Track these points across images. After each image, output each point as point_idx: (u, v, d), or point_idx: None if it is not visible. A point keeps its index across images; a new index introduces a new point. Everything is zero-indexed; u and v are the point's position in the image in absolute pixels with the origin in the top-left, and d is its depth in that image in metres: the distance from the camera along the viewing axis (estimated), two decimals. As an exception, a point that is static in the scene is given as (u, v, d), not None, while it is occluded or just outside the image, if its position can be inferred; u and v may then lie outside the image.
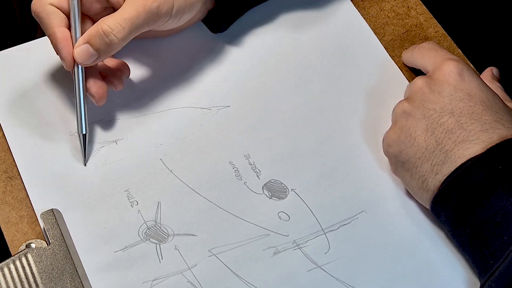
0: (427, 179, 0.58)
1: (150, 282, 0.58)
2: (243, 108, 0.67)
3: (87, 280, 0.58)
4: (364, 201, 0.63)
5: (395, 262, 0.60)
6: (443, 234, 0.61)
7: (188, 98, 0.68)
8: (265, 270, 0.59)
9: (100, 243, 0.60)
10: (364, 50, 0.71)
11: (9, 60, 0.69)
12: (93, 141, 0.65)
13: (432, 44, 0.66)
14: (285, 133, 0.66)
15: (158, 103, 0.67)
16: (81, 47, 0.61)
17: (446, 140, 0.57)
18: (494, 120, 0.57)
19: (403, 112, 0.60)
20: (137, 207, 0.62)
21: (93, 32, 0.60)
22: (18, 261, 0.57)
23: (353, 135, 0.66)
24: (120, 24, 0.60)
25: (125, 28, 0.60)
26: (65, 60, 0.61)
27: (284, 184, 0.63)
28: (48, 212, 0.59)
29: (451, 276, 0.59)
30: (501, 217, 0.54)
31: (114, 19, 0.60)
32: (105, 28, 0.60)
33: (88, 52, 0.61)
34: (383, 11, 0.74)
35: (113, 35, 0.60)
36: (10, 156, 0.64)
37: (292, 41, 0.72)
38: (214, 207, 0.62)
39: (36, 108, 0.66)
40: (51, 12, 0.61)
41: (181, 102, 0.67)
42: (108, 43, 0.60)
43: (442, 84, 0.59)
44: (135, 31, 0.61)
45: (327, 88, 0.69)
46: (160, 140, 0.65)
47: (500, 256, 0.53)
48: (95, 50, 0.61)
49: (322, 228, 0.61)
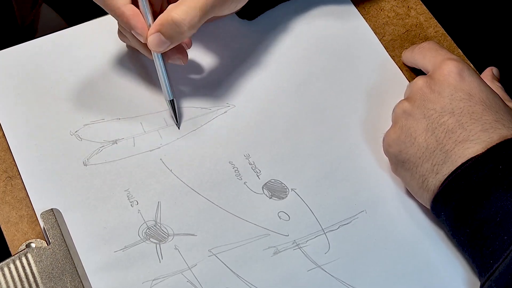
0: (428, 179, 0.58)
1: (150, 282, 0.58)
2: (243, 108, 0.67)
3: (87, 280, 0.58)
4: (364, 201, 0.63)
5: (395, 262, 0.60)
6: (443, 234, 0.61)
7: (188, 98, 0.68)
8: (265, 270, 0.59)
9: (100, 243, 0.60)
10: (364, 50, 0.71)
11: (9, 60, 0.69)
12: (93, 141, 0.65)
13: (432, 44, 0.66)
14: (285, 133, 0.66)
15: (158, 103, 0.67)
16: (153, 35, 0.61)
17: (446, 140, 0.57)
18: (494, 120, 0.57)
19: (404, 112, 0.60)
20: (137, 207, 0.62)
21: (164, 21, 0.60)
22: (18, 261, 0.57)
23: (353, 135, 0.66)
24: (191, 12, 0.60)
25: (196, 17, 0.60)
26: (142, 34, 0.61)
27: (284, 184, 0.63)
28: (48, 212, 0.59)
29: (451, 276, 0.59)
30: (501, 217, 0.54)
31: (183, 7, 0.60)
32: (176, 18, 0.60)
33: (160, 41, 0.61)
34: (383, 11, 0.74)
35: (184, 25, 0.60)
36: (10, 156, 0.64)
37: (292, 41, 0.72)
38: (214, 207, 0.62)
39: (36, 108, 0.66)
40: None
41: (181, 102, 0.67)
42: (180, 32, 0.60)
43: (442, 84, 0.59)
44: (204, 18, 0.61)
45: (327, 88, 0.69)
46: (160, 140, 0.65)
47: (500, 256, 0.53)
48: (167, 38, 0.61)
49: (322, 228, 0.61)
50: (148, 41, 0.61)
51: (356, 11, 0.73)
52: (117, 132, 0.66)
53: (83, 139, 0.65)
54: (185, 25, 0.60)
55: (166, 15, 0.60)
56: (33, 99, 0.67)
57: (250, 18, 0.72)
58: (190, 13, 0.60)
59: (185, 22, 0.60)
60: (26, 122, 0.65)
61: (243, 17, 0.72)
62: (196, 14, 0.60)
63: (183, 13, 0.60)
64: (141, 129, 0.66)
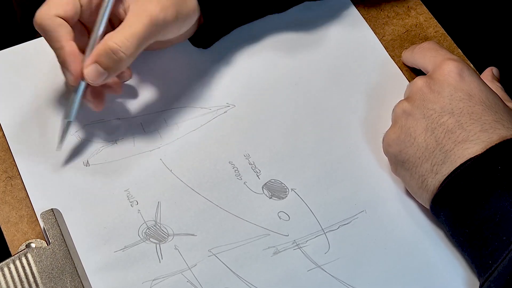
0: (427, 179, 0.58)
1: (150, 282, 0.58)
2: (243, 108, 0.67)
3: (87, 280, 0.58)
4: (364, 201, 0.63)
5: (395, 262, 0.60)
6: (442, 234, 0.61)
7: (188, 98, 0.68)
8: (265, 270, 0.59)
9: (100, 243, 0.60)
10: (364, 50, 0.71)
11: (9, 60, 0.69)
12: (93, 141, 0.65)
13: (432, 44, 0.66)
14: (285, 133, 0.66)
15: (158, 103, 0.67)
16: (90, 67, 0.59)
17: (446, 140, 0.57)
18: (494, 120, 0.57)
19: (403, 112, 0.60)
20: (137, 207, 0.62)
21: (101, 51, 0.58)
22: (18, 261, 0.57)
23: (353, 135, 0.66)
24: (128, 40, 0.58)
25: (133, 44, 0.58)
26: (73, 75, 0.60)
27: (284, 184, 0.63)
28: (48, 212, 0.59)
29: (450, 276, 0.59)
30: (500, 217, 0.54)
31: (121, 35, 0.58)
32: (113, 46, 0.58)
33: (98, 72, 0.59)
34: (383, 11, 0.74)
35: (121, 53, 0.58)
36: (10, 156, 0.64)
37: (292, 41, 0.72)
38: (214, 207, 0.62)
39: (36, 108, 0.66)
40: (58, 24, 0.59)
41: (181, 102, 0.67)
42: (117, 61, 0.59)
43: (442, 84, 0.59)
44: (142, 45, 0.60)
45: (327, 88, 0.69)
46: (160, 140, 0.65)
47: (499, 256, 0.53)
48: (105, 69, 0.59)
49: (322, 228, 0.61)
50: (85, 74, 0.59)
51: (356, 11, 0.73)
52: (117, 132, 0.66)
53: (83, 139, 0.65)
54: (123, 53, 0.58)
55: (103, 44, 0.58)
56: (33, 99, 0.67)
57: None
58: (128, 40, 0.58)
59: (123, 49, 0.58)
60: (26, 122, 0.65)
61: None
62: (133, 41, 0.58)
63: (120, 41, 0.58)
64: (141, 129, 0.66)
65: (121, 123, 0.66)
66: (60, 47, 0.59)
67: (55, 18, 0.59)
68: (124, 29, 0.59)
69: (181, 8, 0.62)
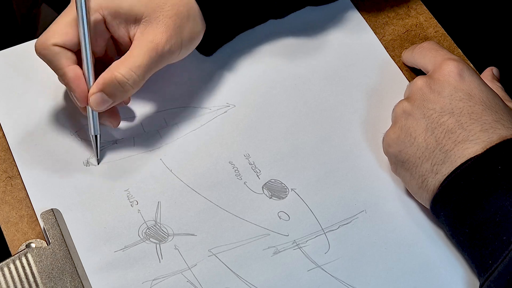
0: (427, 179, 0.58)
1: (150, 282, 0.58)
2: (243, 108, 0.67)
3: (87, 280, 0.58)
4: (364, 201, 0.63)
5: (395, 262, 0.60)
6: (442, 234, 0.61)
7: (188, 98, 0.68)
8: (265, 270, 0.59)
9: (100, 243, 0.60)
10: (364, 50, 0.71)
11: (9, 60, 0.69)
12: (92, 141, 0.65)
13: (432, 44, 0.66)
14: (285, 133, 0.66)
15: (158, 103, 0.67)
16: (96, 95, 0.60)
17: (446, 140, 0.57)
18: (494, 120, 0.57)
19: (403, 112, 0.60)
20: (137, 207, 0.62)
21: (107, 81, 0.59)
22: (18, 261, 0.57)
23: (353, 135, 0.66)
24: (134, 72, 0.59)
25: (140, 75, 0.60)
26: (79, 99, 0.60)
27: (284, 184, 0.63)
28: (48, 212, 0.59)
29: (450, 276, 0.59)
30: (500, 217, 0.54)
31: (127, 66, 0.59)
32: (119, 77, 0.59)
33: (102, 100, 0.60)
34: (383, 11, 0.74)
35: (128, 85, 0.59)
36: (10, 155, 0.64)
37: (292, 41, 0.72)
38: (214, 207, 0.62)
39: (36, 108, 0.66)
40: (56, 52, 0.60)
41: (181, 102, 0.67)
42: (123, 92, 0.60)
43: (442, 84, 0.59)
44: (148, 74, 0.61)
45: (327, 88, 0.69)
46: (160, 140, 0.65)
47: (499, 256, 0.53)
48: (110, 97, 0.60)
49: (322, 228, 0.61)
50: (90, 101, 0.60)
51: (356, 11, 0.73)
52: (117, 132, 0.66)
53: (83, 139, 0.65)
54: (129, 85, 0.59)
55: (109, 74, 0.59)
56: (33, 99, 0.67)
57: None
58: (134, 72, 0.59)
59: (129, 82, 0.59)
60: (26, 122, 0.66)
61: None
62: (140, 72, 0.59)
63: (126, 72, 0.59)
64: (141, 129, 0.66)
65: (121, 123, 0.66)
66: (63, 74, 0.60)
67: (53, 47, 0.60)
68: (130, 60, 0.60)
69: (186, 35, 0.62)
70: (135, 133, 0.66)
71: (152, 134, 0.66)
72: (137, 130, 0.66)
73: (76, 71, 0.60)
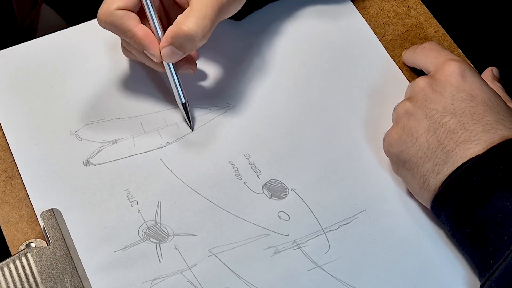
0: (428, 179, 0.58)
1: (150, 282, 0.58)
2: (243, 108, 0.67)
3: (87, 280, 0.58)
4: (364, 200, 0.63)
5: (395, 262, 0.60)
6: (443, 234, 0.61)
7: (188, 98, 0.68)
8: (265, 269, 0.59)
9: (100, 243, 0.60)
10: (364, 50, 0.71)
11: (9, 60, 0.69)
12: (93, 141, 0.65)
13: (434, 44, 0.66)
14: (285, 133, 0.66)
15: (158, 103, 0.67)
16: (166, 48, 0.61)
17: (447, 140, 0.57)
18: (495, 121, 0.57)
19: (405, 112, 0.60)
20: (137, 207, 0.62)
21: (175, 34, 0.60)
22: (18, 261, 0.57)
23: (353, 135, 0.66)
24: (201, 24, 0.60)
25: (207, 27, 0.60)
26: (155, 55, 0.62)
27: (284, 184, 0.63)
28: (48, 212, 0.59)
29: (451, 276, 0.59)
30: (502, 217, 0.54)
31: (192, 19, 0.60)
32: (186, 31, 0.60)
33: (173, 53, 0.61)
34: (383, 11, 0.74)
35: (196, 38, 0.60)
36: (10, 155, 0.64)
37: (292, 40, 0.72)
38: (214, 207, 0.62)
39: (36, 108, 0.66)
40: (121, 16, 0.61)
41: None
42: (192, 43, 0.61)
43: (444, 84, 0.59)
44: (214, 25, 0.61)
45: (327, 87, 0.69)
46: (160, 140, 0.65)
47: (500, 256, 0.53)
48: (179, 50, 0.61)
49: (322, 228, 0.61)
50: (162, 53, 0.61)
51: (356, 11, 0.73)
52: (117, 132, 0.66)
53: (83, 139, 0.65)
54: (197, 37, 0.60)
55: (177, 28, 0.60)
56: (33, 99, 0.67)
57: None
58: (200, 24, 0.60)
59: (197, 34, 0.60)
60: (26, 122, 0.65)
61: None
62: (206, 24, 0.60)
63: (194, 25, 0.60)
64: (141, 129, 0.66)
65: (121, 123, 0.66)
66: (132, 35, 0.61)
67: (117, 12, 0.61)
68: (194, 13, 0.60)
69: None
70: (135, 133, 0.66)
71: (152, 134, 0.66)
72: (137, 130, 0.66)
73: (144, 29, 0.61)
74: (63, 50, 0.70)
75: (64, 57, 0.69)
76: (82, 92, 0.67)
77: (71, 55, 0.70)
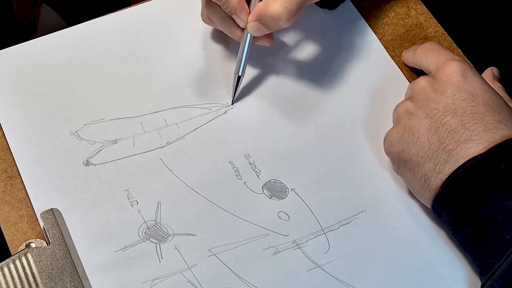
0: (430, 178, 0.58)
1: (150, 282, 0.58)
2: (243, 108, 0.67)
3: (87, 280, 0.58)
4: (364, 200, 0.63)
5: (395, 261, 0.60)
6: (444, 234, 0.61)
7: (188, 97, 0.68)
8: (265, 270, 0.59)
9: (100, 243, 0.60)
10: (364, 50, 0.71)
11: (9, 60, 0.69)
12: (93, 141, 0.65)
13: (434, 44, 0.66)
14: (285, 133, 0.66)
15: (158, 103, 0.67)
16: (253, 23, 0.64)
17: (449, 139, 0.57)
18: (496, 120, 0.57)
19: (406, 112, 0.60)
20: (137, 207, 0.62)
21: (263, 13, 0.62)
22: (18, 261, 0.57)
23: (354, 135, 0.66)
24: (288, 7, 0.61)
25: (293, 11, 0.62)
26: (243, 21, 0.65)
27: (284, 184, 0.63)
28: (48, 212, 0.59)
29: (452, 276, 0.59)
30: (503, 217, 0.54)
31: (282, 1, 0.61)
32: (274, 13, 0.62)
33: (259, 28, 0.64)
34: (383, 11, 0.74)
35: (281, 19, 0.62)
36: (10, 155, 0.64)
37: (292, 41, 0.72)
38: (214, 207, 0.62)
39: (36, 108, 0.66)
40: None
41: (181, 102, 0.67)
42: (277, 25, 0.62)
43: (445, 84, 0.59)
44: (301, 10, 0.63)
45: (327, 87, 0.69)
46: (160, 140, 0.65)
47: (501, 256, 0.53)
48: (265, 27, 0.63)
49: (322, 228, 0.61)
50: (248, 27, 0.64)
51: (356, 11, 0.73)
52: (117, 132, 0.65)
53: (83, 139, 0.65)
54: (283, 20, 0.62)
55: (264, 8, 0.62)
56: (33, 99, 0.67)
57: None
58: (287, 7, 0.61)
59: (283, 17, 0.62)
60: (26, 122, 0.65)
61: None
62: (293, 8, 0.62)
63: (281, 7, 0.61)
64: (141, 129, 0.66)
65: (121, 123, 0.66)
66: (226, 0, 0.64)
67: None
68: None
69: None
70: (135, 133, 0.66)
71: (152, 134, 0.66)
72: (137, 130, 0.66)
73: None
74: (63, 50, 0.70)
75: (64, 57, 0.69)
76: (82, 92, 0.67)
77: (71, 55, 0.69)
